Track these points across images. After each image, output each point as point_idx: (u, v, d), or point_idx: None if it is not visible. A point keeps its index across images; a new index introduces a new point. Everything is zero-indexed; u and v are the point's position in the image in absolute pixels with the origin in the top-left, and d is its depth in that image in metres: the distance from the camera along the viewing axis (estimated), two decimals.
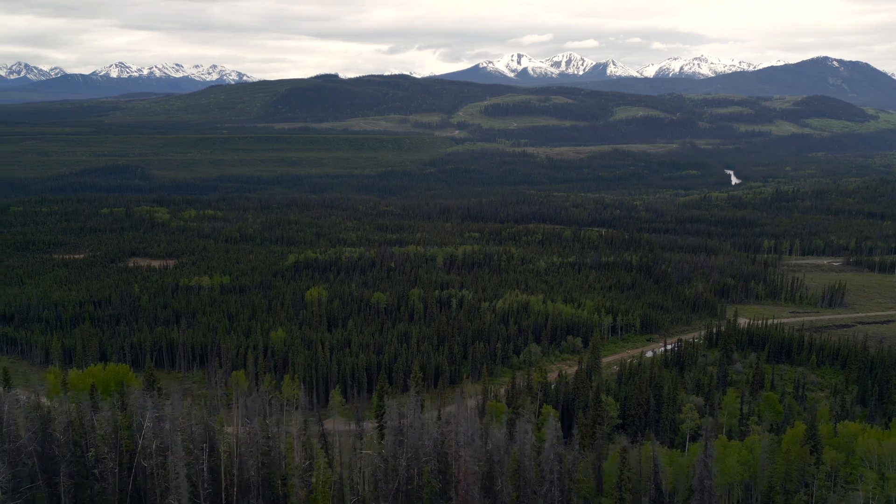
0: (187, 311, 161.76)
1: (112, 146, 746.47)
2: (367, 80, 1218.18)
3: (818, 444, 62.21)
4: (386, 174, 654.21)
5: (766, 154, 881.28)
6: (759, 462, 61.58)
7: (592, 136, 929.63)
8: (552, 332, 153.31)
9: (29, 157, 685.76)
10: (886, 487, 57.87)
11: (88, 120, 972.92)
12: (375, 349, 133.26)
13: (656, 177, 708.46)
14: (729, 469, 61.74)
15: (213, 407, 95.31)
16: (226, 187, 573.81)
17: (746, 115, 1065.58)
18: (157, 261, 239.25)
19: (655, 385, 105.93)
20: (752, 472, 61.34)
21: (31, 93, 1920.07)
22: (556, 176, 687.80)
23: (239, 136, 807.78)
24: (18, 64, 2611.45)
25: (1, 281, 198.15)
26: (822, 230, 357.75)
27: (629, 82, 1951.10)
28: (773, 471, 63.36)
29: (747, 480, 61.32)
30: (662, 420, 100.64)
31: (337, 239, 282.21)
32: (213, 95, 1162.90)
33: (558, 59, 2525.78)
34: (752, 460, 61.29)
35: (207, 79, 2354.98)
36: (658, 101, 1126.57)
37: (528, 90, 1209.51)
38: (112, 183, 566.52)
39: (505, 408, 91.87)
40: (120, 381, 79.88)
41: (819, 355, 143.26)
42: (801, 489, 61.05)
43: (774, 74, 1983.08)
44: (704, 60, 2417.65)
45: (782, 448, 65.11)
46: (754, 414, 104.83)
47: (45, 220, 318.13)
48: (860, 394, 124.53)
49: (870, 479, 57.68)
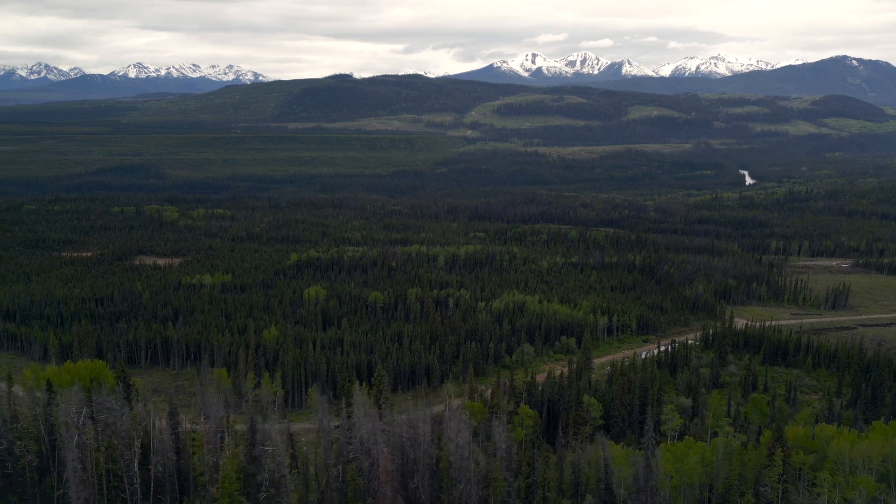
0: (186, 309, 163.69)
1: (127, 146, 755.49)
2: (381, 80, 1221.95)
3: (784, 447, 61.97)
4: (397, 174, 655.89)
5: (782, 154, 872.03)
6: (715, 464, 61.52)
7: (606, 135, 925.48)
8: (546, 333, 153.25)
9: (46, 157, 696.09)
10: (846, 490, 57.57)
11: (105, 120, 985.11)
12: (366, 348, 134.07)
13: (669, 177, 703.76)
14: (689, 470, 61.75)
15: (190, 404, 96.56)
16: (238, 186, 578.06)
17: (763, 114, 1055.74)
18: (163, 259, 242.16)
19: (640, 386, 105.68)
20: (711, 474, 61.29)
21: (51, 93, 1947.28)
22: (567, 176, 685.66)
23: (252, 136, 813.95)
24: (39, 64, 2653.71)
25: (9, 278, 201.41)
26: (834, 231, 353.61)
27: (644, 82, 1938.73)
28: (728, 472, 63.30)
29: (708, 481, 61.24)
30: (646, 421, 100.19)
31: (342, 238, 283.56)
32: (229, 95, 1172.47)
33: (573, 59, 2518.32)
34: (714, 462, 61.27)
35: (224, 79, 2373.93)
36: (673, 101, 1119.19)
37: (541, 90, 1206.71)
38: (126, 182, 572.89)
39: (482, 407, 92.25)
40: (94, 378, 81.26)
41: (815, 358, 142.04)
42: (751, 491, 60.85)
43: (793, 73, 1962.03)
44: (721, 59, 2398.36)
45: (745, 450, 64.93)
46: (741, 416, 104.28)
47: (56, 218, 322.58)
48: (853, 397, 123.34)
49: (825, 482, 57.42)
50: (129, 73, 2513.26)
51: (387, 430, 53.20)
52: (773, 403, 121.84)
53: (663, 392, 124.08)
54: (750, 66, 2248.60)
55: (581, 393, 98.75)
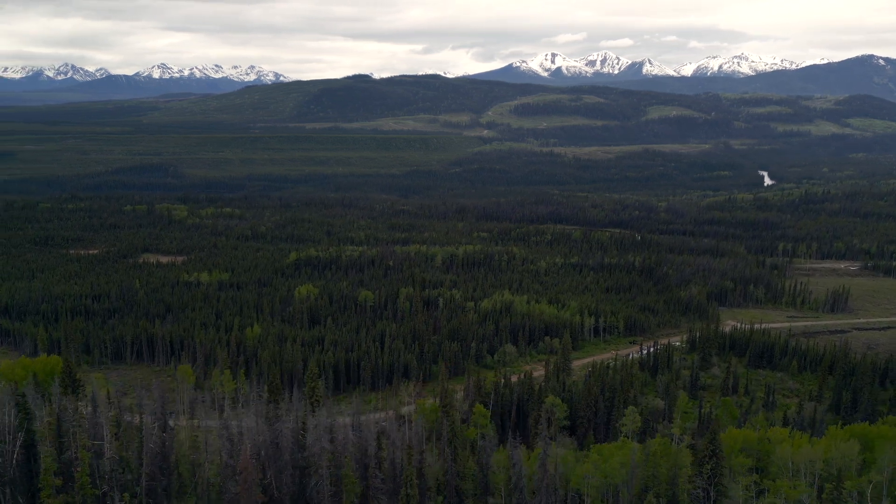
0: (178, 307, 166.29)
1: (147, 145, 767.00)
2: (399, 80, 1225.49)
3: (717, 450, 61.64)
4: (410, 174, 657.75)
5: (804, 155, 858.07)
6: (630, 465, 61.39)
7: (623, 135, 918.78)
8: (530, 333, 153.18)
9: (68, 156, 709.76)
10: (767, 496, 57.19)
11: (128, 120, 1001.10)
12: (347, 347, 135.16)
13: (686, 177, 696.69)
14: (612, 470, 61.80)
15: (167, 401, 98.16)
16: (254, 186, 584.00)
17: (785, 114, 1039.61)
18: (167, 257, 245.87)
19: (609, 388, 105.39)
20: (629, 475, 61.20)
21: (77, 93, 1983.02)
22: (582, 176, 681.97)
23: (270, 136, 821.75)
24: (65, 65, 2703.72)
25: (13, 274, 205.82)
26: (847, 233, 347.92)
27: (665, 81, 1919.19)
28: (644, 474, 63.10)
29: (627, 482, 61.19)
30: (612, 422, 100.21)
31: (346, 237, 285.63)
32: (248, 96, 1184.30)
33: (593, 59, 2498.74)
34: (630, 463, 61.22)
35: (245, 79, 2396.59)
36: (693, 101, 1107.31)
37: (559, 89, 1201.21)
38: (145, 181, 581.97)
39: (435, 407, 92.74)
40: (51, 373, 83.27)
41: (801, 361, 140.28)
42: (665, 492, 60.57)
43: (817, 73, 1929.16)
44: (745, 59, 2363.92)
45: (666, 452, 64.70)
46: (711, 418, 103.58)
47: (70, 216, 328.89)
48: (835, 401, 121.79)
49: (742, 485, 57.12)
50: (153, 73, 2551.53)
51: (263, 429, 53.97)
52: (752, 406, 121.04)
53: (643, 394, 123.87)
54: (774, 66, 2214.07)
55: (543, 394, 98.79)
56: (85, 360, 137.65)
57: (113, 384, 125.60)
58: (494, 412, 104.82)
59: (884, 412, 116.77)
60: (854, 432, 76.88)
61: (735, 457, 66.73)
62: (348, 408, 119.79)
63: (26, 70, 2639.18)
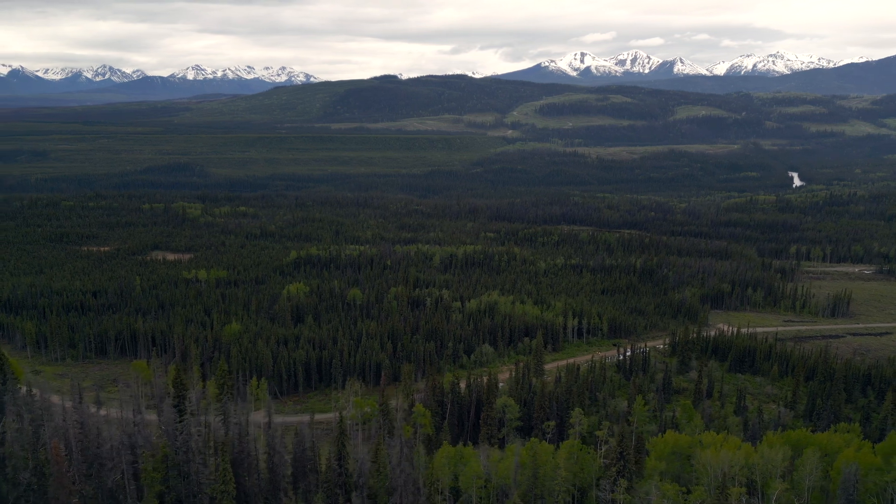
0: (170, 303, 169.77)
1: (176, 145, 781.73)
2: (425, 80, 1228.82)
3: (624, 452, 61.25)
4: (431, 174, 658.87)
5: (837, 156, 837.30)
6: (513, 467, 61.31)
7: (650, 135, 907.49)
8: (510, 333, 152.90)
9: (101, 155, 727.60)
10: (654, 499, 56.71)
11: (159, 120, 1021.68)
12: (320, 345, 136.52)
13: (711, 178, 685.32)
14: (503, 471, 61.87)
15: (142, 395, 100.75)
16: (276, 185, 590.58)
17: (819, 114, 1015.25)
18: (175, 254, 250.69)
19: (566, 390, 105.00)
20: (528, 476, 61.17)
21: (114, 94, 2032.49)
22: (604, 177, 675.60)
23: (295, 136, 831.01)
24: (104, 67, 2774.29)
25: (22, 269, 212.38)
26: (867, 237, 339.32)
27: (697, 80, 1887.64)
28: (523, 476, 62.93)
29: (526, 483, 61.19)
30: (566, 424, 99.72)
31: (352, 237, 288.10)
32: (277, 96, 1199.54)
33: (623, 58, 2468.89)
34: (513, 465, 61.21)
35: (277, 80, 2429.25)
36: (722, 100, 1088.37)
37: (586, 89, 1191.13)
38: (172, 180, 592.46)
39: (375, 405, 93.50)
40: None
41: (783, 366, 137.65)
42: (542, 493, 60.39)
43: (854, 72, 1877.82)
44: (780, 57, 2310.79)
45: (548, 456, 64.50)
46: (667, 421, 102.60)
47: (89, 214, 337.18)
48: (808, 407, 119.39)
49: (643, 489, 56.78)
50: (188, 75, 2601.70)
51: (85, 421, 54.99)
52: (722, 410, 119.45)
53: (612, 396, 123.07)
54: (810, 64, 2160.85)
55: (494, 394, 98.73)
56: (70, 355, 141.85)
57: (91, 378, 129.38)
58: (452, 412, 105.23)
59: (857, 419, 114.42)
60: (789, 439, 75.81)
61: (652, 461, 66.36)
62: (314, 406, 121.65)
63: (66, 72, 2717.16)
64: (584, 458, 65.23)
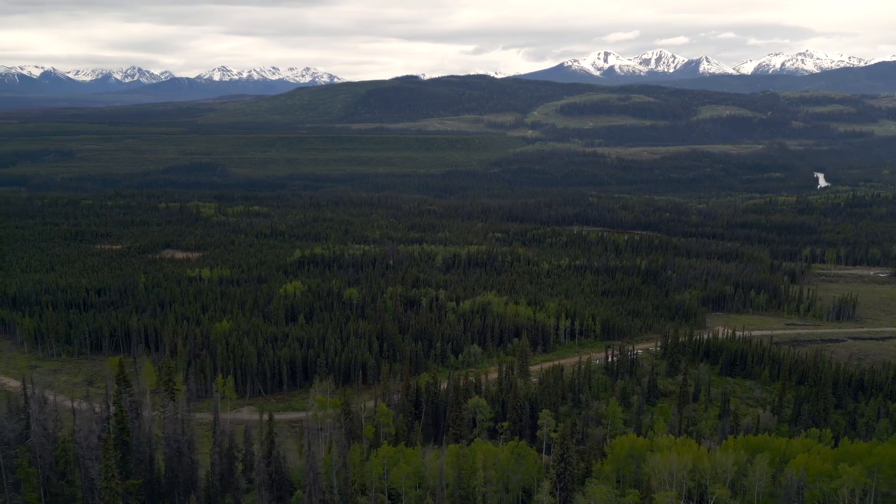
0: (170, 300, 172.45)
1: (199, 145, 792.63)
2: (446, 80, 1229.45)
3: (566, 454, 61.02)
4: (449, 174, 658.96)
5: (866, 156, 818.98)
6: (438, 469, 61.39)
7: (672, 136, 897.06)
8: (501, 334, 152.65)
9: (125, 155, 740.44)
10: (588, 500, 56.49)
11: (183, 121, 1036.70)
12: (307, 344, 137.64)
13: (733, 179, 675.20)
14: (436, 471, 62.07)
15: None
16: (295, 185, 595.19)
17: (847, 114, 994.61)
18: (185, 253, 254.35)
19: (540, 391, 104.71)
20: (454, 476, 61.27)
21: (142, 94, 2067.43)
22: (624, 177, 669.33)
23: (315, 136, 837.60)
24: (133, 68, 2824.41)
25: (33, 267, 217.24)
26: (887, 239, 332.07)
27: (723, 80, 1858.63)
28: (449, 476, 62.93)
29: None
30: (536, 424, 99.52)
31: (360, 236, 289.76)
32: (299, 97, 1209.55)
33: (647, 57, 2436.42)
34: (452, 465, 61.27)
35: (301, 81, 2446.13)
36: (747, 100, 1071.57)
37: (608, 89, 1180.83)
38: (192, 180, 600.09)
39: (339, 404, 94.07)
40: None
41: (774, 370, 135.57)
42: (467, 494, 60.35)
43: (886, 70, 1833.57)
44: (809, 56, 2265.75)
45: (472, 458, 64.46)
46: (642, 424, 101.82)
47: (106, 212, 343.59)
48: (795, 411, 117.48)
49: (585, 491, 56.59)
50: (214, 76, 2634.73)
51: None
52: (705, 413, 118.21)
53: (596, 399, 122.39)
54: (840, 63, 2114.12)
55: (459, 396, 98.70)
56: (66, 351, 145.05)
57: (84, 373, 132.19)
58: (427, 412, 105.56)
59: (842, 424, 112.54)
60: (748, 444, 74.94)
61: (606, 463, 66.14)
62: (296, 405, 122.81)
63: (96, 73, 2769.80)
64: (528, 460, 65.20)
